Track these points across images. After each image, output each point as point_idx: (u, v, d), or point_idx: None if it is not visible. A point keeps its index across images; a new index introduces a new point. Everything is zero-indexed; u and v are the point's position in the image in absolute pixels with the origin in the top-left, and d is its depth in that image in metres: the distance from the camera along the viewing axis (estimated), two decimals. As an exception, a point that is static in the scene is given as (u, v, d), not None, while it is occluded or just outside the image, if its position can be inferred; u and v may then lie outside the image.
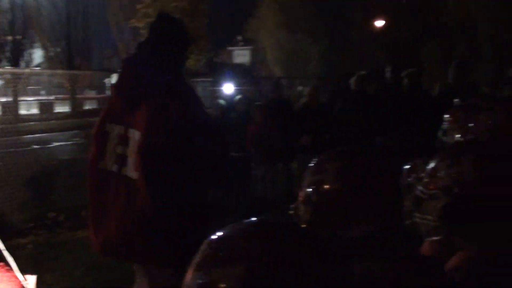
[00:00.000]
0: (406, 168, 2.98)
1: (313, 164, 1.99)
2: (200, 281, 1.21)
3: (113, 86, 4.06)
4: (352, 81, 9.36)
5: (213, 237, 1.28)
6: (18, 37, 36.58)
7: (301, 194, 1.96)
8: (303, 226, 1.27)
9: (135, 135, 3.62)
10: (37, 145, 13.65)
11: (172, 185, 3.62)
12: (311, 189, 1.93)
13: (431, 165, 2.08)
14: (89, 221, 3.94)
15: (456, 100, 5.02)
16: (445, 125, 4.18)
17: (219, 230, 1.30)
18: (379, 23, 40.21)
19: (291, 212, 1.98)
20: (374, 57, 36.37)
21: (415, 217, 2.09)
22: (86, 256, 7.48)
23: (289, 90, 22.97)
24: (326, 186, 1.90)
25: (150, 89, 3.65)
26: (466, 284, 1.88)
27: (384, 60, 26.42)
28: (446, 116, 4.19)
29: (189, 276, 1.25)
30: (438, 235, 2.02)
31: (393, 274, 1.75)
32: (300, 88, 23.98)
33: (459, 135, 3.51)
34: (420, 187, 2.07)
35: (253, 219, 1.32)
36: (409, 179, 2.80)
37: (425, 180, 2.06)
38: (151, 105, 3.57)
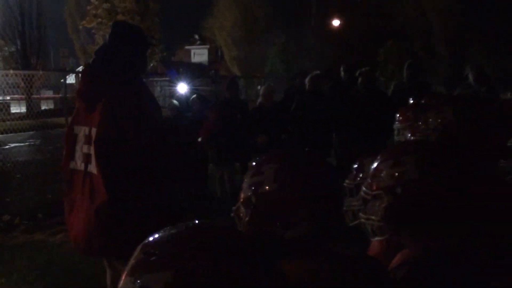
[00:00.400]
0: (355, 168, 3.04)
1: (252, 167, 2.02)
2: (132, 286, 1.20)
3: (76, 91, 4.27)
4: (307, 80, 9.42)
5: (146, 241, 1.27)
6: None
7: (241, 196, 1.99)
8: (235, 228, 1.26)
9: (94, 133, 3.91)
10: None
11: (128, 179, 3.85)
12: (250, 191, 1.96)
13: (374, 165, 2.13)
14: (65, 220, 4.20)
15: (410, 99, 5.12)
16: (396, 124, 4.27)
17: (152, 234, 1.29)
18: (336, 23, 40.45)
19: (232, 214, 2.01)
20: (331, 57, 36.54)
21: (361, 217, 2.14)
22: (41, 260, 7.43)
23: (248, 90, 22.92)
24: (263, 188, 1.92)
25: (105, 90, 3.92)
26: (407, 281, 1.93)
27: (341, 59, 26.57)
28: (397, 115, 4.29)
29: (123, 280, 1.24)
30: (383, 235, 2.08)
31: (327, 274, 1.78)
32: (259, 87, 23.98)
33: (409, 134, 3.59)
34: (364, 188, 2.13)
35: (185, 223, 1.31)
36: (358, 179, 2.87)
37: (368, 180, 2.11)
38: (104, 104, 3.86)
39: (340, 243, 1.95)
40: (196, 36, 59.62)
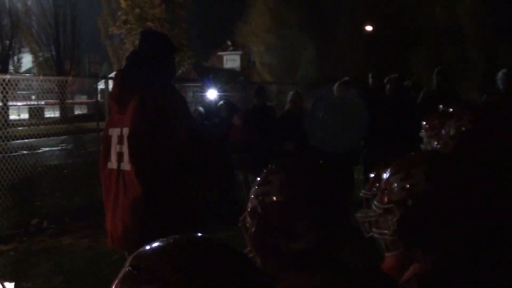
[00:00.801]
0: (372, 178, 2.99)
1: (260, 176, 1.99)
2: None
3: (110, 94, 4.59)
4: (335, 87, 9.38)
5: (134, 254, 1.25)
6: (6, 42, 36.41)
7: (248, 206, 1.96)
8: (226, 244, 1.23)
9: (126, 132, 4.14)
10: (25, 150, 13.58)
11: (160, 175, 4.07)
12: (256, 201, 1.93)
13: (385, 178, 2.09)
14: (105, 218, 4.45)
15: (440, 106, 5.03)
16: (422, 133, 4.20)
17: (143, 246, 1.27)
18: (367, 28, 40.29)
19: (239, 224, 1.98)
20: (362, 63, 36.37)
21: (373, 232, 2.10)
22: (66, 264, 7.48)
23: (280, 96, 22.87)
24: (269, 198, 1.89)
25: (136, 93, 4.15)
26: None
27: (372, 66, 26.41)
28: (423, 123, 4.21)
29: None
30: (396, 249, 2.04)
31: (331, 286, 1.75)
32: (290, 93, 23.77)
33: (435, 143, 3.51)
34: (375, 202, 2.09)
35: (173, 236, 1.28)
36: (374, 189, 2.81)
37: (380, 194, 2.08)
38: (135, 104, 4.11)
39: (347, 255, 1.92)
40: (229, 42, 59.73)
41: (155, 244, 1.25)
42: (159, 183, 4.09)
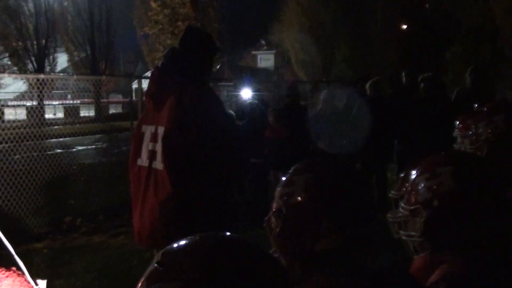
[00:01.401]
0: (401, 178, 2.95)
1: (285, 176, 1.97)
2: None
3: (146, 91, 4.59)
4: (368, 86, 9.31)
5: (162, 251, 1.27)
6: (43, 41, 36.89)
7: (273, 206, 1.94)
8: (246, 242, 1.24)
9: (161, 131, 4.14)
10: (60, 149, 13.74)
11: (192, 176, 4.08)
12: (281, 202, 1.90)
13: (412, 179, 2.06)
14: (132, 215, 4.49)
15: (475, 105, 4.94)
16: (456, 132, 4.11)
17: (172, 243, 1.29)
18: (402, 27, 40.00)
19: (264, 224, 1.96)
20: (396, 61, 36.07)
21: (401, 235, 2.07)
22: (98, 262, 7.54)
23: (314, 94, 22.76)
24: (294, 199, 1.87)
25: (173, 90, 4.18)
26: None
27: (406, 64, 26.15)
28: (457, 123, 4.13)
29: (139, 287, 1.24)
30: (424, 251, 2.00)
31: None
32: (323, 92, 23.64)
33: (469, 144, 3.44)
34: (402, 204, 2.06)
35: (200, 234, 1.30)
36: (403, 189, 2.77)
37: (406, 195, 2.05)
38: (172, 104, 4.12)
39: (372, 257, 1.89)
40: (263, 41, 59.86)
41: (182, 242, 1.27)
42: (191, 183, 4.09)
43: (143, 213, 4.25)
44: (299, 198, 1.87)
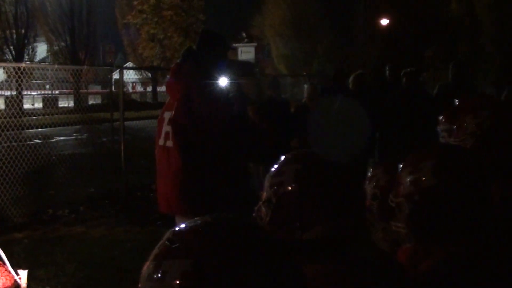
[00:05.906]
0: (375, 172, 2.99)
1: (274, 166, 2.00)
2: (152, 271, 1.25)
3: (166, 84, 5.31)
4: (350, 80, 9.34)
5: (172, 230, 1.32)
6: (22, 31, 36.56)
7: (262, 196, 1.96)
8: (256, 225, 1.28)
9: (171, 115, 4.82)
10: (39, 139, 13.64)
11: (198, 152, 4.70)
12: (271, 191, 1.93)
13: (398, 172, 2.10)
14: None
15: (456, 100, 4.97)
16: (439, 127, 4.14)
17: (182, 223, 1.34)
18: (384, 22, 40.10)
19: (253, 214, 1.98)
20: (378, 56, 36.19)
21: (391, 225, 2.11)
22: (80, 252, 7.53)
23: (294, 88, 22.73)
24: (284, 188, 1.90)
25: (185, 86, 4.83)
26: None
27: (388, 59, 26.24)
28: (440, 117, 4.15)
29: (147, 265, 1.28)
30: (410, 242, 2.05)
31: (345, 278, 1.75)
32: (305, 86, 23.52)
33: (452, 139, 3.46)
34: (390, 196, 2.10)
35: (210, 215, 1.35)
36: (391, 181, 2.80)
37: (393, 188, 2.09)
38: (182, 96, 4.79)
39: (361, 246, 1.92)
40: (243, 34, 59.71)
41: (193, 222, 1.32)
42: (197, 159, 4.70)
43: (162, 184, 4.96)
44: (288, 187, 1.89)
